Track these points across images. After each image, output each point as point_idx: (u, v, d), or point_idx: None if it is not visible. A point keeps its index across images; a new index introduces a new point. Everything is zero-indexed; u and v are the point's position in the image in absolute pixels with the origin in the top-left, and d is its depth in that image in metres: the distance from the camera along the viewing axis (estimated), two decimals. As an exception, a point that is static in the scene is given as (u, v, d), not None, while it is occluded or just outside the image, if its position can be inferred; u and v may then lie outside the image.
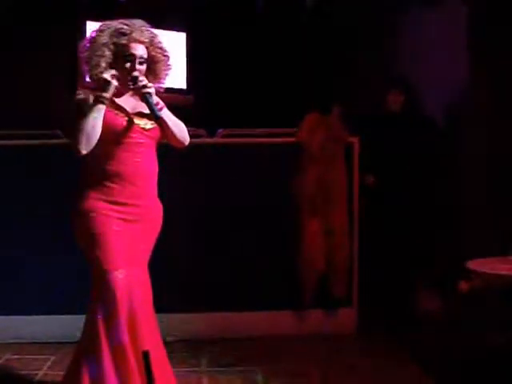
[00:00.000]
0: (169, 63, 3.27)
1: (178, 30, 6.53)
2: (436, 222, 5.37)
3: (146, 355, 2.98)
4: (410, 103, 5.05)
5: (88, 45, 3.10)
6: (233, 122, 4.78)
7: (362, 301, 4.79)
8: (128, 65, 3.10)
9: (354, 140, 4.71)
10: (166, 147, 3.31)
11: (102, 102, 3.03)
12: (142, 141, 3.15)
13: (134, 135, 3.12)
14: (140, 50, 3.12)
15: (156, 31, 3.26)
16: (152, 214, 3.24)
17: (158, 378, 3.05)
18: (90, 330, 3.02)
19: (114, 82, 3.06)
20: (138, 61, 3.11)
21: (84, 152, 3.00)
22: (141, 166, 3.16)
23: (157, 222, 3.28)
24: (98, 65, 3.07)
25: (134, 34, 3.10)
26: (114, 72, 3.08)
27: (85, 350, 3.03)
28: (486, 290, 3.89)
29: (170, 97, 3.23)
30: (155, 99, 3.12)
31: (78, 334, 3.16)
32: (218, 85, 6.51)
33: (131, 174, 3.13)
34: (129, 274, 3.08)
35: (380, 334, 4.65)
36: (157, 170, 3.25)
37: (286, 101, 6.13)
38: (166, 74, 3.27)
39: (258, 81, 6.54)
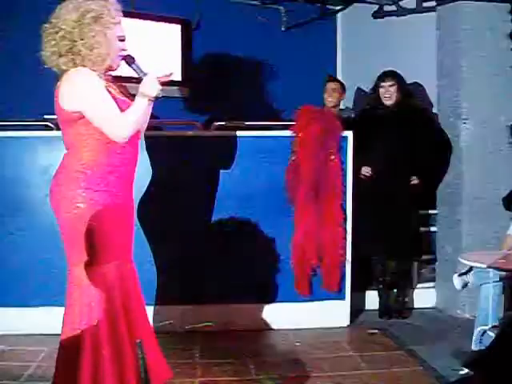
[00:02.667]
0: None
1: (172, 22, 6.51)
2: (431, 216, 5.40)
3: (139, 345, 2.98)
4: (402, 95, 5.04)
5: (89, 22, 2.93)
6: (228, 115, 4.78)
7: (355, 294, 4.80)
8: (121, 44, 3.06)
9: (349, 133, 4.71)
10: (163, 140, 3.30)
11: (149, 100, 3.00)
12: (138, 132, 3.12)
13: None
14: (123, 31, 3.10)
15: (151, 23, 3.24)
16: (133, 207, 3.22)
17: (152, 367, 3.05)
18: (88, 320, 2.99)
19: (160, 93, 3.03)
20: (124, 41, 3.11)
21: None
22: (135, 157, 3.13)
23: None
24: (111, 44, 2.98)
25: (119, 16, 3.05)
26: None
27: (83, 341, 3.00)
28: (479, 282, 3.90)
29: (166, 89, 3.20)
30: None
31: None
32: (214, 77, 6.50)
33: (129, 167, 3.09)
34: (122, 265, 3.08)
35: (372, 327, 4.67)
36: None
37: (282, 93, 6.14)
38: None
39: (254, 73, 6.53)
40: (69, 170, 3.00)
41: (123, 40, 3.08)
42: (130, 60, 3.12)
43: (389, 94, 5.01)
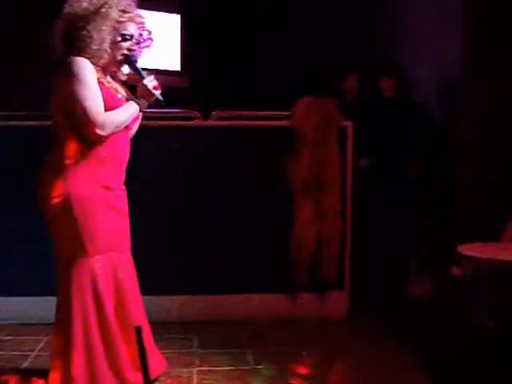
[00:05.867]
0: (151, 46, 3.23)
1: (172, 12, 6.50)
2: (428, 206, 5.40)
3: (138, 331, 3.00)
4: (402, 89, 5.07)
5: (88, 15, 2.94)
6: (227, 104, 4.77)
7: (354, 284, 4.81)
8: (126, 44, 3.05)
9: (348, 123, 4.70)
10: (164, 131, 3.30)
11: (140, 108, 3.05)
12: (131, 124, 3.13)
13: None
14: (136, 31, 3.09)
15: (151, 13, 3.23)
16: (125, 197, 3.22)
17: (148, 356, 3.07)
18: (77, 313, 3.01)
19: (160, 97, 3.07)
20: (133, 41, 3.08)
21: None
22: (127, 150, 3.14)
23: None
24: (104, 41, 2.97)
25: (133, 14, 3.05)
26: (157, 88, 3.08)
27: (74, 331, 3.02)
28: (477, 274, 3.91)
29: (165, 79, 3.20)
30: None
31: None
32: (213, 67, 6.50)
33: (121, 159, 3.11)
34: (115, 256, 3.08)
35: (371, 317, 4.68)
36: None
37: (282, 83, 6.13)
38: (141, 54, 3.23)
39: (253, 63, 6.52)
40: (56, 161, 3.01)
41: (129, 40, 3.05)
42: (130, 60, 3.10)
43: (389, 88, 5.03)
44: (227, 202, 4.57)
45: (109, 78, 3.09)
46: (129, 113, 3.03)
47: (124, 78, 3.18)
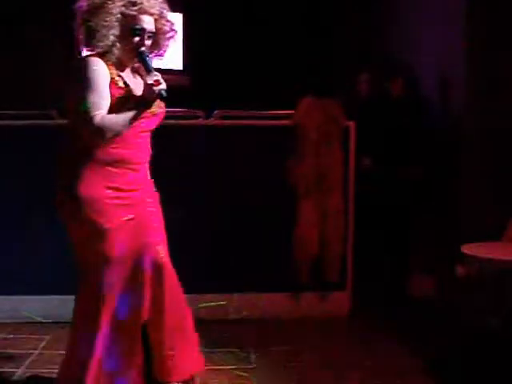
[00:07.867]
0: (175, 37, 3.10)
1: (174, 11, 6.48)
2: (432, 206, 5.41)
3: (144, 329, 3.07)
4: (409, 88, 5.07)
5: (92, 10, 2.86)
6: (229, 103, 4.77)
7: (356, 284, 4.81)
8: (136, 39, 2.90)
9: (351, 123, 4.70)
10: (165, 129, 3.29)
11: (145, 109, 2.86)
12: (148, 126, 3.02)
13: (142, 120, 2.93)
14: (149, 24, 2.93)
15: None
16: (151, 197, 3.17)
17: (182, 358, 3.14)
18: (93, 314, 3.01)
19: (163, 92, 2.86)
20: (146, 35, 2.92)
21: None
22: (143, 151, 3.05)
23: (158, 203, 3.20)
24: (106, 36, 2.86)
25: (144, 5, 2.90)
26: (164, 86, 2.86)
27: (89, 331, 3.02)
28: (481, 274, 3.91)
29: (167, 77, 3.18)
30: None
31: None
32: (215, 65, 6.51)
33: (134, 160, 3.01)
34: (131, 258, 3.06)
35: (373, 317, 4.67)
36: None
37: (284, 83, 6.13)
38: (168, 47, 3.11)
39: (256, 62, 6.52)
40: (68, 162, 2.98)
41: (139, 34, 2.89)
42: (140, 54, 2.92)
43: (395, 88, 5.05)
44: (229, 202, 4.56)
45: (127, 74, 2.99)
46: (129, 116, 2.85)
47: (143, 72, 3.02)
